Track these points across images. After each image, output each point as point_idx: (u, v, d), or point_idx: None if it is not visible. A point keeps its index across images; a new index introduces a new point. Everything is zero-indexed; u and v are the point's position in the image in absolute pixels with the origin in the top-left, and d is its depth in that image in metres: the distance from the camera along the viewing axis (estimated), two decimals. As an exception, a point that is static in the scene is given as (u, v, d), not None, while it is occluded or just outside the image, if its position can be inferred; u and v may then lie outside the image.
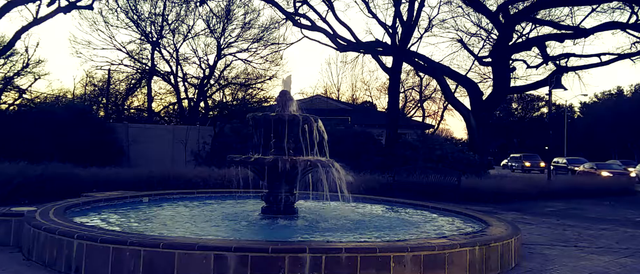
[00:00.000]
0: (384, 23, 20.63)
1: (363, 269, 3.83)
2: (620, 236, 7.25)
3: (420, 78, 34.70)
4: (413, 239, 4.65)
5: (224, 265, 3.69)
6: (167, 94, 29.34)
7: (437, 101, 40.44)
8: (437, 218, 6.79)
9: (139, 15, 24.58)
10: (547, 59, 21.10)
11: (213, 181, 10.35)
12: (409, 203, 7.98)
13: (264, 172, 5.77)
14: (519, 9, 18.98)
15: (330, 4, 19.80)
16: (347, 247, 3.89)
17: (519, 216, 9.27)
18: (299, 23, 20.25)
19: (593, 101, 59.75)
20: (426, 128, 32.12)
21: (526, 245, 5.99)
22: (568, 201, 12.73)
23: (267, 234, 5.17)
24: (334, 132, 16.69)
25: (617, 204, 12.71)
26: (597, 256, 5.62)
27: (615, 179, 19.03)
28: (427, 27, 22.54)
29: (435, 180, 11.73)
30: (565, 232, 7.47)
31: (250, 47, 26.58)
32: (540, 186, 13.73)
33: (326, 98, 36.14)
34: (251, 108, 21.27)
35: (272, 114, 6.01)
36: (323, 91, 43.11)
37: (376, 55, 20.76)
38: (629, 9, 17.94)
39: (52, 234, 4.24)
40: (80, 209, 5.98)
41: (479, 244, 4.44)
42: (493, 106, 19.95)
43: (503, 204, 11.36)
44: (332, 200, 6.35)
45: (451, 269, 4.18)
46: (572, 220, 9.00)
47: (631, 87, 56.65)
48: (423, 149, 15.77)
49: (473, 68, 26.19)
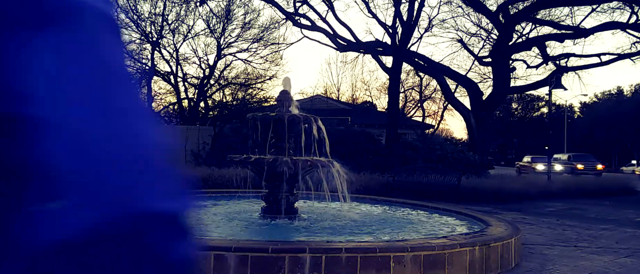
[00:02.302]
0: (384, 23, 20.65)
1: (363, 269, 3.83)
2: (620, 236, 7.25)
3: (420, 78, 34.75)
4: (413, 239, 4.65)
5: (224, 265, 3.69)
6: (167, 94, 29.36)
7: (437, 101, 40.52)
8: (437, 218, 6.80)
9: (139, 15, 24.61)
10: (547, 59, 21.11)
11: (213, 181, 10.36)
12: (409, 203, 7.98)
13: (263, 172, 5.77)
14: (519, 9, 18.99)
15: (330, 4, 19.81)
16: (347, 247, 3.90)
17: (519, 216, 9.27)
18: (299, 23, 20.27)
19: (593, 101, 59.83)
20: (426, 128, 32.13)
21: (526, 245, 5.99)
22: (568, 201, 12.74)
23: (267, 234, 5.18)
24: (334, 132, 16.71)
25: (617, 204, 12.72)
26: (597, 256, 5.63)
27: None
28: (427, 27, 22.56)
29: (435, 180, 11.75)
30: (565, 232, 7.47)
31: (250, 47, 26.61)
32: (540, 186, 13.74)
33: (326, 98, 36.16)
34: (251, 108, 21.28)
35: (272, 114, 6.01)
36: (323, 91, 43.18)
37: (376, 55, 20.77)
38: (629, 9, 17.95)
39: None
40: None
41: (479, 244, 4.44)
42: (493, 106, 19.95)
43: (503, 204, 11.37)
44: (332, 200, 6.36)
45: (451, 269, 4.18)
46: (572, 220, 9.00)
47: (631, 87, 56.77)
48: (423, 149, 15.78)
49: (473, 68, 26.22)
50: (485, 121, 18.87)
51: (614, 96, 57.65)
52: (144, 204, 0.47)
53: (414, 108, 42.09)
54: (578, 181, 16.63)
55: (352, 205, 7.20)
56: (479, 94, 19.41)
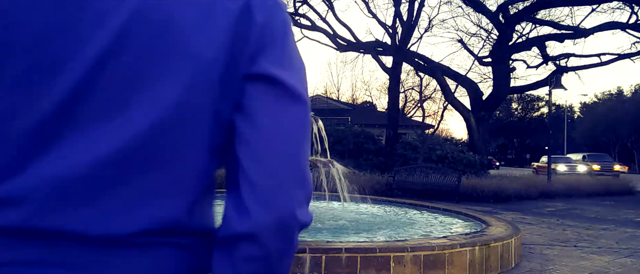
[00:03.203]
0: (384, 23, 20.66)
1: (363, 269, 3.83)
2: (620, 236, 7.25)
3: (420, 78, 34.69)
4: (413, 239, 4.65)
5: (224, 265, 3.68)
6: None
7: (437, 101, 40.48)
8: (436, 218, 6.80)
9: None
10: (547, 59, 21.10)
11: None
12: (409, 203, 7.98)
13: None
14: (519, 9, 18.98)
15: (330, 4, 19.81)
16: (347, 247, 3.89)
17: (519, 216, 9.27)
18: (299, 23, 20.26)
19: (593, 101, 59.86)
20: (426, 128, 32.12)
21: (526, 245, 5.99)
22: (568, 201, 12.74)
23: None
24: (334, 132, 16.72)
25: (617, 204, 12.72)
26: (597, 256, 5.63)
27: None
28: (427, 27, 22.62)
29: (435, 180, 11.76)
30: (565, 232, 7.47)
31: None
32: (541, 186, 13.73)
33: (326, 98, 36.17)
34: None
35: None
36: (323, 90, 43.20)
37: (376, 55, 20.77)
38: (629, 9, 17.93)
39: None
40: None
41: (479, 244, 4.44)
42: (493, 106, 19.92)
43: (503, 204, 11.37)
44: (332, 200, 6.36)
45: (451, 269, 4.18)
46: (572, 220, 9.00)
47: (631, 87, 56.82)
48: (423, 149, 15.78)
49: (473, 68, 26.23)
50: (485, 121, 18.86)
51: (614, 96, 57.65)
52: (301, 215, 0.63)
53: (414, 108, 42.09)
54: (578, 181, 16.61)
55: (352, 205, 7.20)
56: (479, 94, 19.40)
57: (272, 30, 0.63)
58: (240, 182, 0.61)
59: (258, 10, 0.62)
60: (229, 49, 0.59)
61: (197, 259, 0.63)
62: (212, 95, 0.59)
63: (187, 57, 0.57)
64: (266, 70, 0.61)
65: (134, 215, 0.56)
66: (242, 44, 0.60)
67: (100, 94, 0.55)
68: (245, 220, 0.59)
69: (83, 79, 0.54)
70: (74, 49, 0.54)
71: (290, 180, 0.61)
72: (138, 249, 0.57)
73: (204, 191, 0.65)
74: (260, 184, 0.60)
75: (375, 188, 11.31)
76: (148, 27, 0.56)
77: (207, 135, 0.60)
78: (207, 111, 0.59)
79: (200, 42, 0.58)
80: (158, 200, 0.58)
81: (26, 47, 0.52)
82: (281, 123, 0.61)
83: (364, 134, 17.39)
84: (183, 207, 0.60)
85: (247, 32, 0.60)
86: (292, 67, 0.64)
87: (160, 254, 0.59)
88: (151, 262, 0.58)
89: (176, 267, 0.60)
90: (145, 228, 0.57)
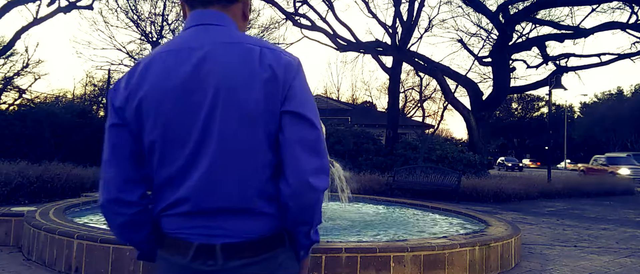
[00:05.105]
0: (384, 23, 20.64)
1: (363, 269, 3.83)
2: (620, 236, 7.26)
3: (420, 78, 34.68)
4: (413, 239, 4.65)
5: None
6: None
7: (437, 101, 40.43)
8: (437, 218, 6.80)
9: (139, 15, 24.58)
10: (547, 59, 21.09)
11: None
12: (409, 203, 7.98)
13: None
14: (519, 9, 18.97)
15: (330, 4, 19.80)
16: (347, 247, 3.89)
17: (519, 216, 9.27)
18: (299, 23, 20.24)
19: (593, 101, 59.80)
20: (426, 128, 32.10)
21: (526, 245, 5.99)
22: (568, 201, 12.74)
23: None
24: (334, 132, 16.72)
25: (617, 204, 12.72)
26: (597, 256, 5.63)
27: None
28: (427, 27, 22.55)
29: (435, 180, 11.76)
30: (565, 232, 7.47)
31: (250, 47, 26.56)
32: (541, 186, 13.73)
33: (326, 98, 36.15)
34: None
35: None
36: (323, 90, 43.18)
37: (376, 55, 20.76)
38: (629, 9, 17.92)
39: (52, 234, 4.24)
40: (80, 209, 5.97)
41: (479, 244, 4.44)
42: (493, 106, 19.91)
43: (503, 204, 11.37)
44: (332, 200, 6.36)
45: (451, 269, 4.18)
46: (572, 220, 9.00)
47: (631, 87, 56.69)
48: (423, 149, 15.78)
49: (473, 68, 26.18)
50: (485, 121, 18.86)
51: (614, 96, 57.58)
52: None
53: (414, 108, 42.04)
54: (578, 181, 16.61)
55: (352, 205, 7.20)
56: (479, 94, 19.39)
57: (292, 86, 1.12)
58: (285, 170, 1.11)
59: (281, 74, 1.11)
60: (266, 99, 1.10)
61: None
62: (262, 124, 1.10)
63: (241, 109, 1.10)
64: (292, 109, 1.11)
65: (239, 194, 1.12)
66: (275, 99, 1.10)
67: (206, 139, 1.10)
68: (285, 188, 1.11)
69: (201, 131, 1.09)
70: (196, 112, 1.10)
71: (313, 170, 1.10)
72: (248, 214, 1.12)
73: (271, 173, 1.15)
74: (289, 171, 1.11)
75: (375, 188, 11.31)
76: (223, 96, 1.09)
77: (266, 142, 1.11)
78: (263, 133, 1.10)
79: (248, 98, 1.09)
80: (253, 179, 1.12)
81: (177, 115, 1.11)
82: (304, 137, 1.10)
83: (364, 134, 17.38)
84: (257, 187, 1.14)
85: (276, 90, 1.10)
86: (307, 103, 1.13)
87: (259, 218, 1.13)
88: (256, 221, 1.12)
89: (268, 227, 1.14)
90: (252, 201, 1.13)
